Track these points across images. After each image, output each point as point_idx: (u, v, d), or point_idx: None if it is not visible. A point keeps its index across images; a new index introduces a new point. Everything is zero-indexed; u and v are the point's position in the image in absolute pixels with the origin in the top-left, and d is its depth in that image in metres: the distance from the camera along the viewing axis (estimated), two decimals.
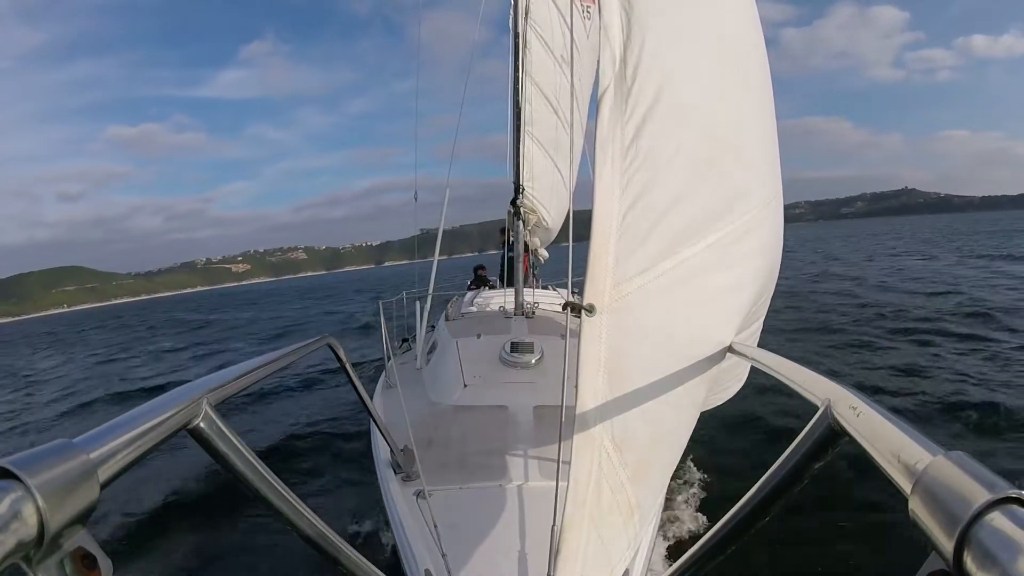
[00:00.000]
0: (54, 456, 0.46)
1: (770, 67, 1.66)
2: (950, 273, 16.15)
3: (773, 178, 1.57)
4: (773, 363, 1.06)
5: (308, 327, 19.77)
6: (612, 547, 1.23)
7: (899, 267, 19.60)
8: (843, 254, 29.27)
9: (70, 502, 0.45)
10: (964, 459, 0.46)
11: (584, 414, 1.18)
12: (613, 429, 1.20)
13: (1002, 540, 0.37)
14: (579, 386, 1.18)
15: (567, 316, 1.30)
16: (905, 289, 13.63)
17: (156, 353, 17.74)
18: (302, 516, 0.94)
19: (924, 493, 0.46)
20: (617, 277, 1.19)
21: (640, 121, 1.20)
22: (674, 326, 1.28)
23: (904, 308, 10.66)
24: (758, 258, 1.44)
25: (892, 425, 0.59)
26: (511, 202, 5.64)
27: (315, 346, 1.52)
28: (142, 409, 0.66)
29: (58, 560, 0.45)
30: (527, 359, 3.66)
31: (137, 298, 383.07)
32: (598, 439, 1.19)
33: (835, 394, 0.74)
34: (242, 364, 1.00)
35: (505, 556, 1.89)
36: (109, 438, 0.55)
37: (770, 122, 1.60)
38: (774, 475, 0.82)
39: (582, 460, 1.18)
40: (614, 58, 1.19)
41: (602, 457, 1.19)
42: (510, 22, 5.46)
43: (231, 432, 0.82)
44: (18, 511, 0.40)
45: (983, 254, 21.54)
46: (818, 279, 17.48)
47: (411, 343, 5.71)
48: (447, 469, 2.53)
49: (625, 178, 1.19)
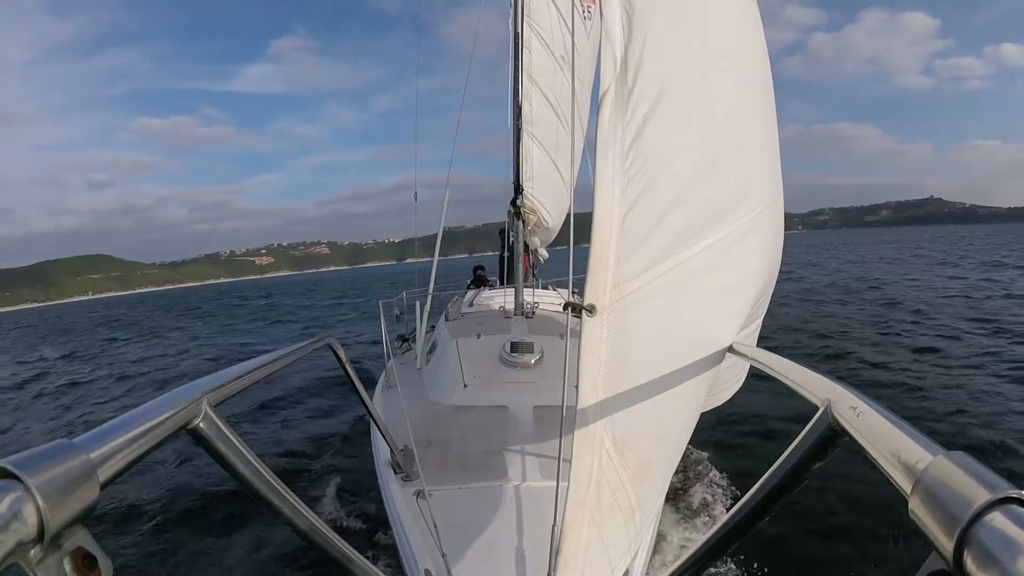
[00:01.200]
0: (54, 456, 0.46)
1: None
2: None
3: (774, 179, 1.57)
4: (773, 363, 1.06)
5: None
6: (612, 547, 1.23)
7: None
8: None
9: (70, 502, 0.45)
10: (964, 459, 0.46)
11: (585, 414, 1.18)
12: (614, 429, 1.20)
13: (1002, 540, 0.37)
14: (580, 386, 1.19)
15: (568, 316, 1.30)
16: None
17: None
18: (302, 516, 0.94)
19: (924, 493, 0.46)
20: (618, 277, 1.19)
21: (641, 122, 1.20)
22: (675, 326, 1.28)
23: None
24: (758, 258, 1.44)
25: (892, 425, 0.59)
26: (511, 202, 5.65)
27: (315, 346, 1.52)
28: (142, 409, 0.66)
29: (58, 560, 0.45)
30: (527, 359, 3.66)
31: (161, 288, 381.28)
32: (599, 439, 1.19)
33: (835, 394, 0.74)
34: (242, 364, 1.00)
35: (505, 556, 1.89)
36: (109, 438, 0.55)
37: (771, 123, 1.60)
38: (774, 475, 0.82)
39: (583, 460, 1.19)
40: (615, 59, 1.19)
41: (602, 457, 1.19)
42: (510, 22, 5.46)
43: (231, 432, 0.82)
44: (18, 511, 0.40)
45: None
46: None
47: (411, 343, 5.71)
48: (447, 469, 2.53)
49: (626, 179, 1.19)
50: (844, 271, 22.34)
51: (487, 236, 6.39)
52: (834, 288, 16.16)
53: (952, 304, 11.69)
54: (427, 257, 5.91)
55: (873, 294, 14.35)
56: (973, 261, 23.59)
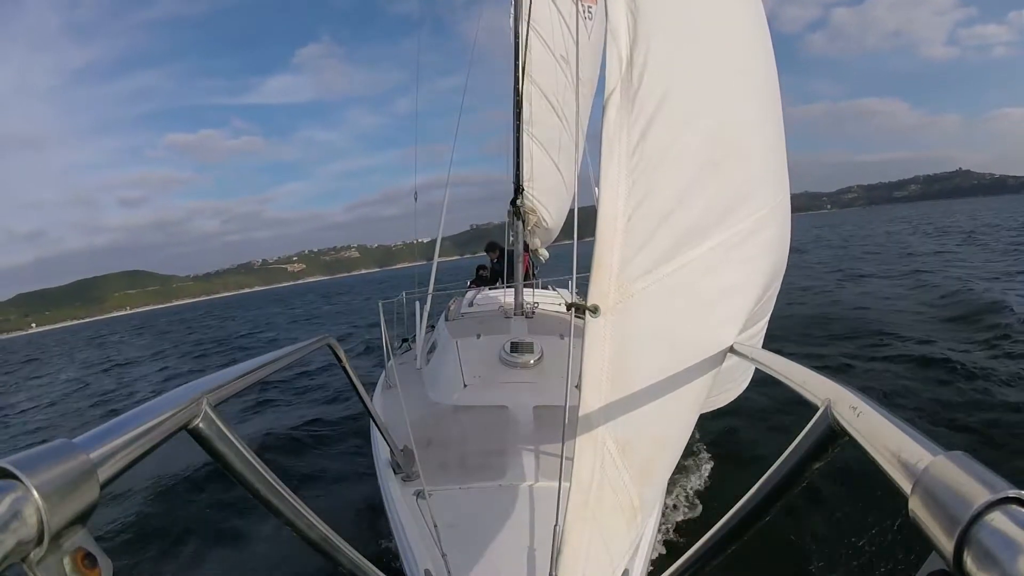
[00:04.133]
0: (54, 456, 0.46)
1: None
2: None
3: (780, 180, 1.56)
4: (773, 363, 1.06)
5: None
6: (614, 548, 1.23)
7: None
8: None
9: (70, 502, 0.45)
10: (964, 459, 0.46)
11: (588, 415, 1.18)
12: (616, 430, 1.20)
13: (1002, 540, 0.37)
14: (583, 387, 1.18)
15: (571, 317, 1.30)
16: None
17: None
18: (302, 516, 0.94)
19: (924, 493, 0.46)
20: (622, 278, 1.18)
21: (647, 123, 1.19)
22: (678, 327, 1.27)
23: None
24: (763, 259, 1.43)
25: (892, 425, 0.59)
26: (511, 202, 5.64)
27: (315, 346, 1.52)
28: (142, 409, 0.66)
29: (58, 560, 0.45)
30: (527, 359, 3.66)
31: (197, 299, 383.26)
32: (601, 440, 1.19)
33: (835, 394, 0.74)
34: (242, 364, 1.00)
35: (505, 556, 1.89)
36: (109, 438, 0.55)
37: (777, 124, 1.59)
38: (774, 475, 0.82)
39: (585, 461, 1.18)
40: (621, 59, 1.18)
41: (605, 458, 1.19)
42: (510, 22, 5.46)
43: (231, 432, 0.82)
44: (18, 511, 0.40)
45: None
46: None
47: (411, 343, 5.71)
48: (447, 469, 2.53)
49: (631, 179, 1.19)
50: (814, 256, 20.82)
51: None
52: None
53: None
54: (455, 256, 5.87)
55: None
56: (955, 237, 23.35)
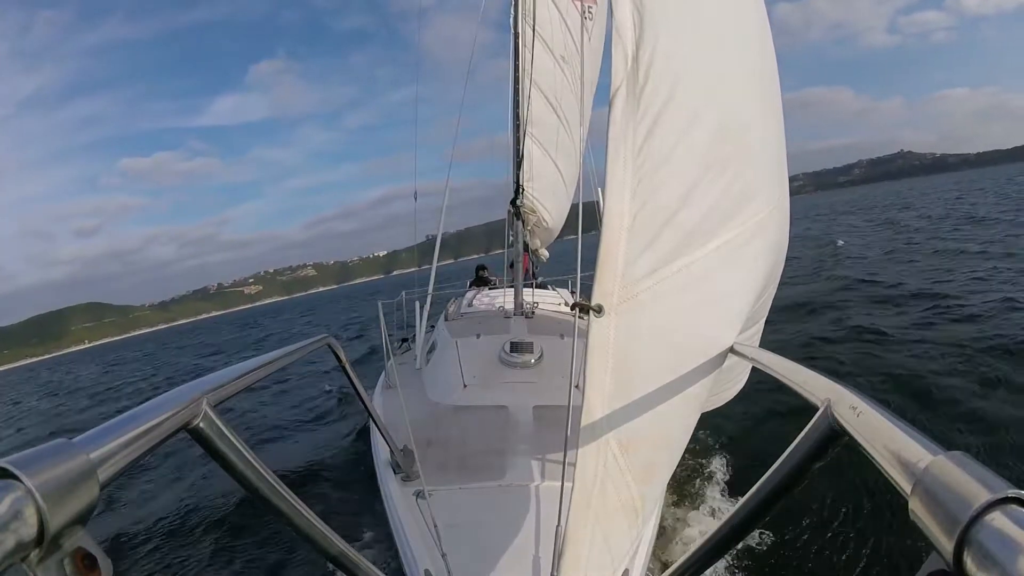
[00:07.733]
0: (54, 456, 0.46)
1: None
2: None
3: (781, 180, 1.56)
4: (773, 363, 1.06)
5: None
6: (615, 547, 1.23)
7: None
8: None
9: (70, 502, 0.45)
10: (964, 459, 0.46)
11: (591, 415, 1.18)
12: (619, 430, 1.20)
13: (1002, 540, 0.37)
14: (586, 387, 1.18)
15: (575, 317, 1.29)
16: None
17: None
18: (301, 516, 0.93)
19: (924, 493, 0.46)
20: (626, 278, 1.18)
21: (653, 121, 1.19)
22: (681, 328, 1.27)
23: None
24: (764, 260, 1.43)
25: (892, 425, 0.59)
26: (511, 202, 5.64)
27: (315, 346, 1.52)
28: (142, 409, 0.66)
29: (58, 560, 0.44)
30: (526, 359, 3.66)
31: (156, 328, 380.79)
32: (604, 440, 1.19)
33: (835, 394, 0.74)
34: (241, 364, 1.00)
35: (505, 556, 1.89)
36: (109, 438, 0.55)
37: (779, 124, 1.59)
38: (774, 475, 0.82)
39: (588, 461, 1.18)
40: (626, 57, 1.18)
41: (608, 458, 1.19)
42: (511, 22, 5.45)
43: (231, 432, 0.82)
44: (18, 511, 0.40)
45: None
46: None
47: (411, 343, 5.71)
48: (447, 469, 2.53)
49: (636, 179, 1.18)
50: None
51: (501, 234, 6.29)
52: None
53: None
54: (426, 265, 5.88)
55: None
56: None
